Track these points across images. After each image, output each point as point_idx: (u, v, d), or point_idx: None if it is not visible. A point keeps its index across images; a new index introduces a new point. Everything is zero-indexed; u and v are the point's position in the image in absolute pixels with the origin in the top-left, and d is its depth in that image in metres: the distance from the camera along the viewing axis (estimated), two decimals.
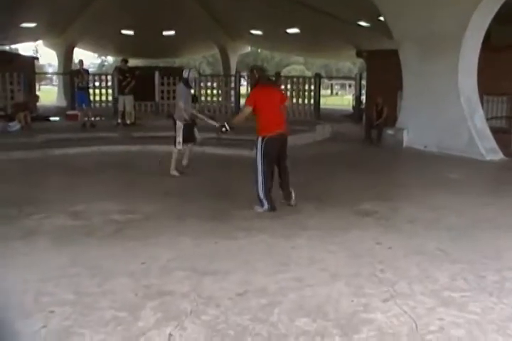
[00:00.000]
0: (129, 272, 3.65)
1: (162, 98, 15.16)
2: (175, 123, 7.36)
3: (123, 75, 12.32)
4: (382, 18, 11.88)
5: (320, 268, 3.77)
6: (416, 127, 10.41)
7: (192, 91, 7.75)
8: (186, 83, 7.40)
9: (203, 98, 15.67)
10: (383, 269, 3.75)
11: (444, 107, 9.77)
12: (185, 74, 7.45)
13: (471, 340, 2.78)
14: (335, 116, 16.32)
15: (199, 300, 3.20)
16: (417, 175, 8.04)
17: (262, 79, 5.54)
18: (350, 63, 43.83)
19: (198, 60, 43.21)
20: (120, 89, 12.48)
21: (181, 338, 2.76)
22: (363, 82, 16.37)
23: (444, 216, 5.33)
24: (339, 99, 35.32)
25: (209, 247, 4.27)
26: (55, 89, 27.28)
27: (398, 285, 3.47)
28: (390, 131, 10.95)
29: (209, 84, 16.39)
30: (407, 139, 10.62)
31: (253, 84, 5.72)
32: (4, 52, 21.63)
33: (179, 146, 7.37)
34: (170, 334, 2.78)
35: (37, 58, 23.09)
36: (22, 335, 2.79)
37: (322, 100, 15.55)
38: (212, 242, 4.38)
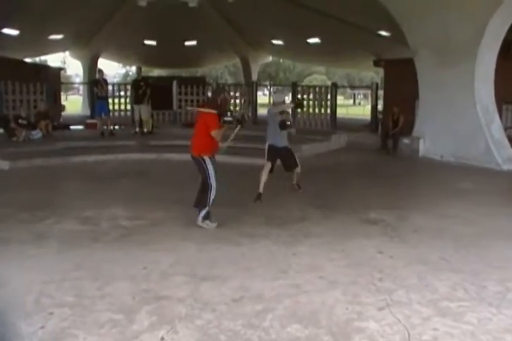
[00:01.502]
0: (130, 276, 3.72)
1: (180, 107, 15.37)
2: None
3: (137, 85, 12.45)
4: None
5: (318, 276, 3.77)
6: (432, 136, 10.30)
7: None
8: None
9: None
10: (382, 278, 3.74)
11: (461, 116, 9.65)
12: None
13: None
14: (353, 126, 16.27)
15: (195, 305, 3.25)
16: (431, 184, 7.96)
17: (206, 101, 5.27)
18: (373, 72, 43.57)
19: (219, 69, 43.55)
20: (135, 99, 12.57)
21: None
22: (381, 92, 16.29)
23: (451, 225, 5.27)
24: (361, 108, 35.12)
25: (211, 253, 4.32)
26: (81, 98, 27.81)
27: (395, 294, 3.45)
28: (406, 141, 10.84)
29: (232, 93, 16.49)
30: (423, 148, 10.50)
31: None
32: (33, 64, 22.26)
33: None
34: (162, 338, 2.84)
35: (63, 69, 23.69)
36: (20, 335, 2.87)
37: (343, 110, 15.46)
38: (215, 248, 4.44)
